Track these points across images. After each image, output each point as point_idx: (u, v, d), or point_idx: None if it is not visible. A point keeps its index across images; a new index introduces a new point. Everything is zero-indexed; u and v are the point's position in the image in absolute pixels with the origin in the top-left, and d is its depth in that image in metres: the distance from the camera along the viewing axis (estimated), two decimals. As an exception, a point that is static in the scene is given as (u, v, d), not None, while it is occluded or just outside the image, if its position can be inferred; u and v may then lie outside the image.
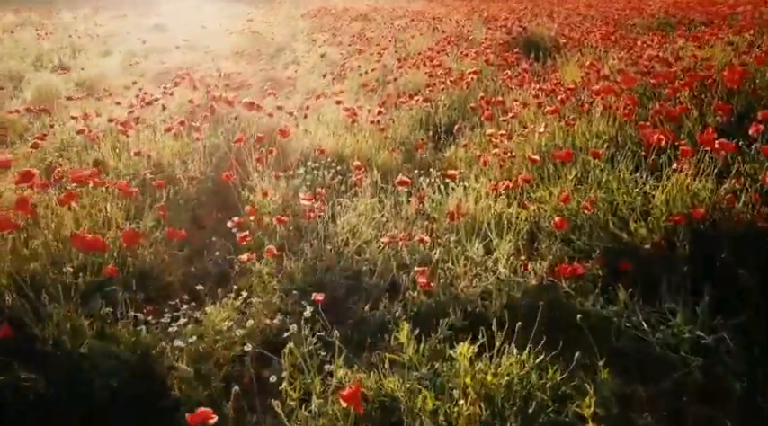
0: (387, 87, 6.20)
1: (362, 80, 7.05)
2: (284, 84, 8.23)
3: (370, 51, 9.57)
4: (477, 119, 4.78)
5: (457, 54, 8.38)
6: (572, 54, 7.20)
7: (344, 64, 8.15)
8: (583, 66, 6.19)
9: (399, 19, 17.16)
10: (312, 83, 7.41)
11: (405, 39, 11.38)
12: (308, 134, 4.31)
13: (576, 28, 9.95)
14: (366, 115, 4.73)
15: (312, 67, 9.07)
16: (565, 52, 7.22)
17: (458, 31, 11.02)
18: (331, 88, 6.85)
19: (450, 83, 5.40)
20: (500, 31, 8.50)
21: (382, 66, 7.32)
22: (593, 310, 2.37)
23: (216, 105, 4.32)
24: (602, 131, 3.75)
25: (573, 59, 6.72)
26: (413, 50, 9.61)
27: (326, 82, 7.56)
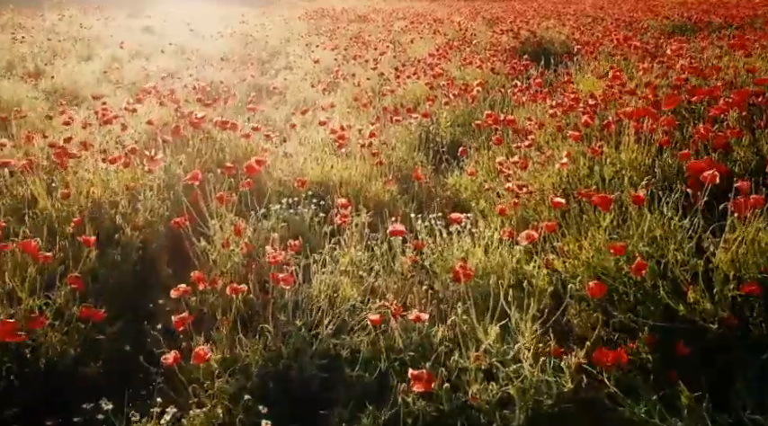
0: (383, 99, 5.59)
1: (357, 91, 6.45)
2: (272, 93, 7.64)
3: (366, 56, 8.97)
4: (485, 138, 4.18)
5: (460, 60, 7.77)
6: (586, 61, 6.59)
7: (339, 70, 7.54)
8: (601, 76, 5.58)
9: (399, 21, 16.56)
10: (302, 92, 6.81)
11: (404, 43, 10.78)
12: (289, 158, 3.71)
13: (586, 31, 9.35)
14: (358, 134, 4.13)
15: (305, 74, 8.48)
16: (578, 59, 6.61)
17: (460, 35, 10.42)
18: (322, 99, 6.25)
19: (454, 96, 4.78)
20: (507, 35, 7.91)
21: (379, 75, 6.71)
22: (650, 423, 1.77)
23: (183, 125, 3.71)
24: (635, 160, 3.14)
25: (588, 68, 6.11)
26: (412, 55, 9.02)
27: (318, 92, 6.96)
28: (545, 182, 3.15)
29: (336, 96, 6.36)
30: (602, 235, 2.47)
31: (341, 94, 6.38)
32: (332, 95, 6.67)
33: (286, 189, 3.32)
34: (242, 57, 10.00)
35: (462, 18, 15.76)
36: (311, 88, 7.32)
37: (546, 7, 17.59)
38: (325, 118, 4.91)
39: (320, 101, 6.27)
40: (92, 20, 14.15)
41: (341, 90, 6.63)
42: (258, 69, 9.44)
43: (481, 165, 3.84)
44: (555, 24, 9.62)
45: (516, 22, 11.45)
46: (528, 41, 7.67)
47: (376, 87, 6.47)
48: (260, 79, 8.32)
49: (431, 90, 5.25)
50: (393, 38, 11.58)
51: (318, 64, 8.49)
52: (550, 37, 7.84)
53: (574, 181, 3.11)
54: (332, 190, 3.44)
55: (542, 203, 2.92)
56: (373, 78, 6.68)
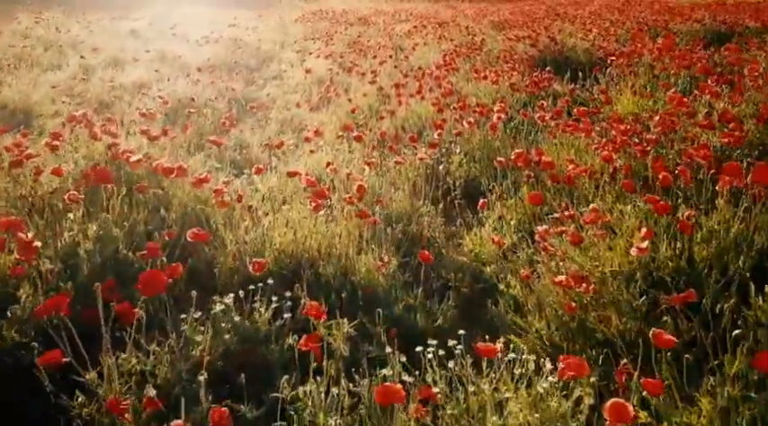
0: (381, 123, 4.65)
1: (352, 108, 5.52)
2: (258, 107, 6.70)
3: (364, 67, 8.04)
4: (510, 182, 3.23)
5: (470, 70, 6.83)
6: (618, 72, 5.63)
7: (331, 85, 6.61)
8: (643, 95, 4.63)
9: (402, 23, 15.62)
10: (289, 110, 5.87)
11: (407, 48, 9.85)
12: (252, 214, 2.76)
13: (608, 36, 8.39)
14: (346, 180, 3.18)
15: (295, 86, 7.54)
16: (611, 71, 5.66)
17: (469, 40, 9.47)
18: (311, 119, 5.31)
19: (469, 124, 3.83)
20: (523, 43, 6.97)
21: (377, 89, 5.77)
22: None
23: (111, 168, 2.77)
24: (739, 235, 2.19)
25: (625, 83, 5.15)
26: (416, 64, 8.07)
27: (307, 110, 6.02)
28: (610, 260, 2.20)
29: (327, 115, 5.41)
30: (731, 390, 1.51)
31: (332, 113, 5.44)
32: (323, 112, 5.73)
33: (239, 275, 2.37)
34: (228, 65, 9.07)
35: (469, 21, 14.81)
36: (301, 104, 6.39)
37: (556, 9, 16.62)
38: (312, 148, 3.97)
39: (308, 120, 5.34)
40: (72, 23, 13.24)
41: (334, 107, 5.68)
42: (244, 79, 8.51)
43: (508, 223, 2.90)
44: (577, 29, 8.65)
45: (532, 26, 10.50)
46: (548, 50, 6.72)
47: (374, 105, 5.53)
48: (245, 91, 7.39)
49: (438, 112, 4.29)
50: (395, 43, 10.64)
51: (310, 74, 7.55)
52: (572, 44, 6.89)
53: (652, 265, 2.16)
54: (307, 265, 2.50)
55: (612, 306, 1.97)
56: (370, 94, 5.74)
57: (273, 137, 5.25)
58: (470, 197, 3.59)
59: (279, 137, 5.26)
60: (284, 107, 6.42)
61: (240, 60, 9.59)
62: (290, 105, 6.51)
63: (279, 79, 8.28)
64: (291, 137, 5.14)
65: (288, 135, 5.24)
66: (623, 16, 12.46)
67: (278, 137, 5.30)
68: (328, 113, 5.40)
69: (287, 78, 8.20)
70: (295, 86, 7.57)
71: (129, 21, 14.88)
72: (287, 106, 6.45)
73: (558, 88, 5.60)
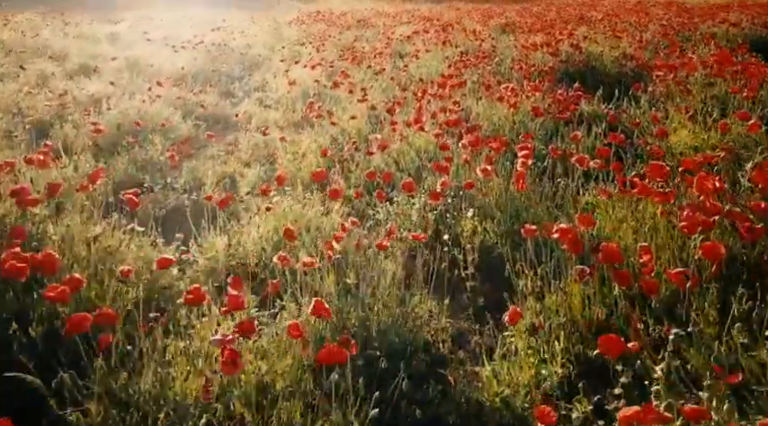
0: (367, 160, 3.65)
1: (335, 132, 4.53)
2: (226, 128, 5.71)
3: (358, 76, 7.05)
4: (547, 258, 2.24)
5: (478, 84, 5.83)
6: (663, 90, 4.62)
7: (316, 100, 5.63)
8: (706, 124, 3.63)
9: (403, 26, 14.62)
10: (261, 135, 4.87)
11: (408, 54, 8.87)
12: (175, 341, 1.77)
13: (634, 42, 7.37)
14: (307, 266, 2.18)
15: (278, 100, 6.56)
16: (651, 88, 4.66)
17: (476, 46, 8.47)
18: (283, 149, 4.30)
19: (484, 172, 2.80)
20: (540, 51, 5.97)
21: (369, 108, 4.77)
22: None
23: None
24: None
25: (674, 104, 4.15)
26: (417, 75, 7.09)
27: (285, 131, 5.03)
28: None
29: (307, 141, 4.40)
30: None
31: (312, 140, 4.44)
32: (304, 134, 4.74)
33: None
34: (206, 74, 8.09)
35: (475, 23, 13.80)
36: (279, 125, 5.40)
37: (567, 11, 15.59)
38: (273, 201, 2.98)
39: (281, 151, 4.34)
40: (50, 24, 12.28)
41: (315, 133, 4.68)
42: (222, 91, 7.52)
43: (549, 344, 1.90)
44: (596, 32, 7.63)
45: (545, 29, 9.48)
46: (571, 60, 5.72)
47: (364, 130, 4.53)
48: (218, 106, 6.40)
49: (442, 150, 3.29)
50: (394, 49, 9.65)
51: (295, 86, 6.56)
52: (597, 53, 5.88)
53: None
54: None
55: None
56: (361, 115, 4.74)
57: (237, 171, 4.27)
58: (487, 272, 2.60)
59: (246, 170, 4.28)
60: (261, 127, 5.43)
61: (222, 68, 8.61)
62: (269, 124, 5.53)
63: (262, 91, 7.29)
64: (260, 170, 4.16)
65: (256, 168, 4.25)
66: (643, 18, 11.42)
67: (245, 169, 4.32)
68: (307, 141, 4.41)
69: (270, 90, 7.22)
70: (278, 100, 6.58)
71: (111, 24, 13.92)
72: (264, 126, 5.47)
73: (588, 108, 4.60)
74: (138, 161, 4.04)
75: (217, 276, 2.65)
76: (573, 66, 5.64)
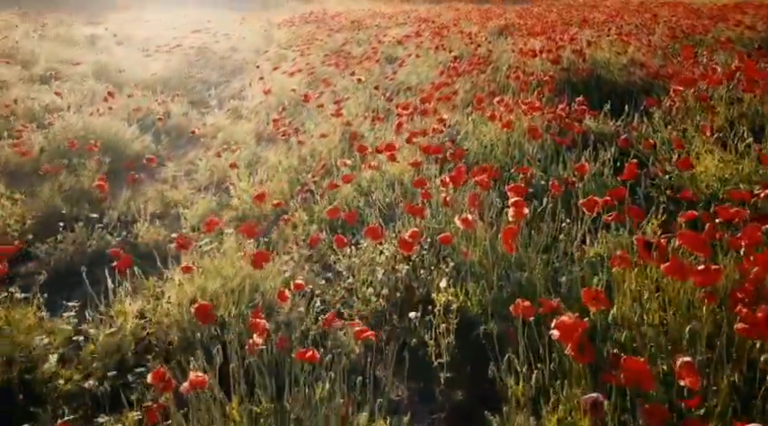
0: (333, 193, 3.06)
1: (305, 151, 3.94)
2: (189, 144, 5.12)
3: (341, 82, 6.47)
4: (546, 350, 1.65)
5: (470, 94, 5.25)
6: (680, 105, 4.03)
7: (291, 111, 5.05)
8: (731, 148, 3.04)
9: (397, 28, 14.02)
10: (220, 159, 4.28)
11: (399, 58, 8.28)
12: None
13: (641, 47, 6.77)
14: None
15: (253, 110, 5.97)
16: (668, 102, 4.07)
17: (472, 50, 7.88)
18: (236, 178, 3.70)
19: (465, 222, 2.20)
20: (540, 58, 5.38)
21: (343, 124, 4.18)
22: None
23: None
24: None
25: (692, 122, 3.56)
26: (407, 81, 6.50)
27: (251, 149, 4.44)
28: None
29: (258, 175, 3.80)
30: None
31: (275, 162, 3.85)
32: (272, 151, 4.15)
33: None
34: (180, 81, 7.51)
35: (472, 25, 13.20)
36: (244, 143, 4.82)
37: (569, 12, 14.99)
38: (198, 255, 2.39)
39: (235, 181, 3.74)
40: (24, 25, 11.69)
41: (281, 153, 4.08)
42: (195, 99, 6.95)
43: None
44: (600, 36, 7.02)
45: (546, 32, 8.87)
46: (573, 68, 5.12)
47: (335, 150, 3.93)
48: (186, 117, 5.81)
49: (417, 186, 2.69)
50: (384, 53, 9.06)
51: (270, 96, 5.98)
52: (604, 60, 5.28)
53: None
54: None
55: None
56: (334, 132, 4.14)
57: (187, 200, 3.69)
58: (467, 354, 2.02)
59: (198, 197, 3.69)
60: (228, 143, 4.86)
61: (199, 73, 8.03)
62: (238, 139, 4.95)
63: (239, 98, 6.71)
64: (213, 199, 3.57)
65: (209, 195, 3.66)
66: (650, 20, 10.81)
67: (197, 196, 3.73)
68: (273, 159, 3.81)
69: (247, 98, 6.64)
70: (253, 110, 6.00)
71: (93, 25, 13.33)
72: (230, 142, 4.89)
73: (594, 124, 4.01)
74: (66, 189, 3.46)
75: (123, 356, 2.06)
76: (576, 75, 5.04)
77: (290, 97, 5.83)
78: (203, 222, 3.25)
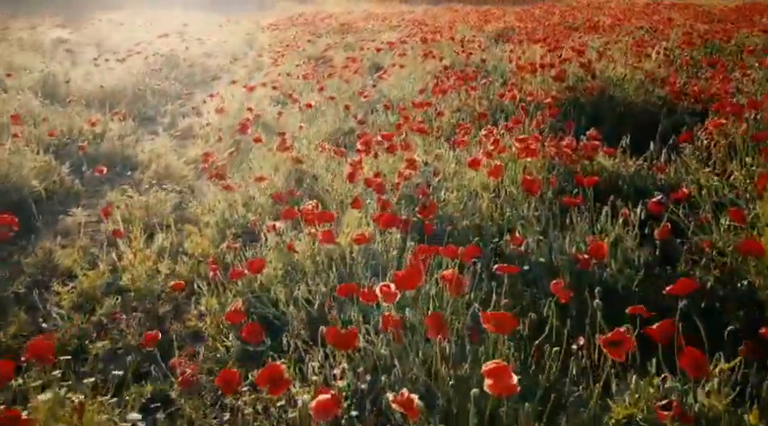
0: (248, 281, 2.19)
1: (237, 200, 3.07)
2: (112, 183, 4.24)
3: (311, 97, 5.61)
4: None
5: (460, 118, 4.40)
6: (714, 139, 3.16)
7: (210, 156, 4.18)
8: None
9: (390, 31, 13.16)
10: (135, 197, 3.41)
11: (384, 66, 7.42)
12: None
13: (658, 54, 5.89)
14: None
15: (202, 131, 5.10)
16: (700, 133, 3.21)
17: (463, 58, 7.01)
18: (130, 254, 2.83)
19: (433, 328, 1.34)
20: (541, 75, 4.48)
21: (293, 162, 3.30)
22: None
23: None
24: None
25: (737, 164, 2.69)
26: (387, 97, 5.65)
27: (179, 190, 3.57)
28: None
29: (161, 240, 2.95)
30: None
31: (201, 213, 2.98)
32: (208, 194, 3.28)
33: None
34: (133, 94, 6.64)
35: (468, 28, 12.33)
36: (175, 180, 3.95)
37: (573, 15, 14.11)
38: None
39: (126, 254, 2.88)
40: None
41: (212, 199, 3.22)
42: (147, 115, 6.09)
43: None
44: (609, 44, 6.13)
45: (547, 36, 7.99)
46: (581, 85, 4.24)
47: (281, 187, 3.06)
48: (123, 142, 4.93)
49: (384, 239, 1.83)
50: (370, 58, 8.19)
51: (223, 115, 5.11)
52: (617, 78, 4.40)
53: None
54: None
55: None
56: (277, 173, 3.27)
57: (66, 272, 2.81)
58: None
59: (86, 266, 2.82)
60: (161, 177, 4.00)
61: (160, 84, 7.16)
62: (170, 175, 4.09)
63: (197, 115, 5.84)
64: (105, 270, 2.70)
65: (102, 266, 2.79)
66: (661, 23, 9.92)
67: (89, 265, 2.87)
68: (197, 210, 2.95)
69: (203, 114, 5.77)
70: (201, 132, 5.13)
71: (62, 28, 12.48)
72: (164, 177, 4.04)
73: (609, 164, 3.14)
74: None
75: None
76: (584, 95, 4.17)
77: (246, 117, 4.96)
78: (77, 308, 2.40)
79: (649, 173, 3.06)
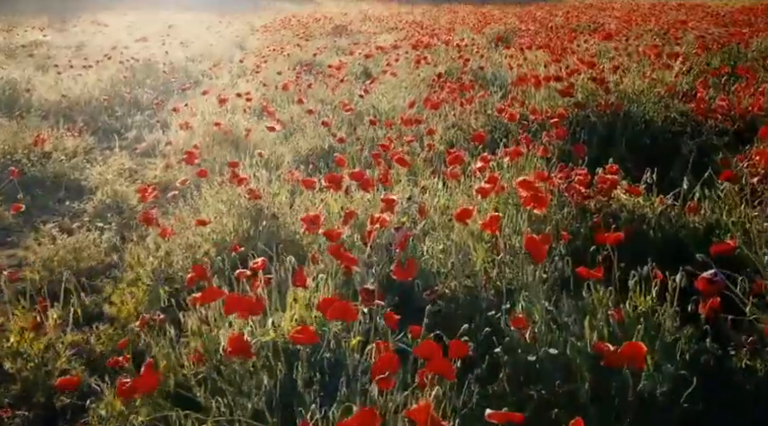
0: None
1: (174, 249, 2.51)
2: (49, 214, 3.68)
3: (288, 111, 5.06)
4: None
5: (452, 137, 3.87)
6: (759, 172, 2.61)
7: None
8: None
9: (385, 34, 12.62)
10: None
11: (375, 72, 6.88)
12: None
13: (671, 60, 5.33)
14: None
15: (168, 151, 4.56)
16: (741, 164, 2.66)
17: (459, 65, 6.45)
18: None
19: None
20: (546, 87, 3.92)
21: (250, 200, 2.74)
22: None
23: None
24: None
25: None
26: (375, 108, 5.11)
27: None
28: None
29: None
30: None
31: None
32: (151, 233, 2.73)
33: None
34: (99, 104, 6.09)
35: (468, 29, 11.78)
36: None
37: (576, 17, 13.55)
38: None
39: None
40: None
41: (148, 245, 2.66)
42: (110, 129, 5.53)
43: None
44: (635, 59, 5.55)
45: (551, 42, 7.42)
46: (591, 103, 3.69)
47: (231, 236, 2.50)
48: (72, 162, 4.37)
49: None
50: (362, 64, 7.64)
51: (189, 132, 4.56)
52: (637, 89, 3.85)
53: None
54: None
55: None
56: (227, 214, 2.71)
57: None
58: None
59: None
60: (110, 208, 3.46)
61: (127, 94, 6.61)
62: (118, 207, 3.54)
63: (164, 129, 5.29)
64: None
65: None
66: (670, 26, 9.35)
67: None
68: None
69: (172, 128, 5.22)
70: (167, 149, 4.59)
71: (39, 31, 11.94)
72: (112, 207, 3.49)
73: (630, 202, 2.59)
74: None
75: None
76: (596, 112, 3.61)
77: (213, 134, 4.41)
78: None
79: (681, 214, 2.51)
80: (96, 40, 10.92)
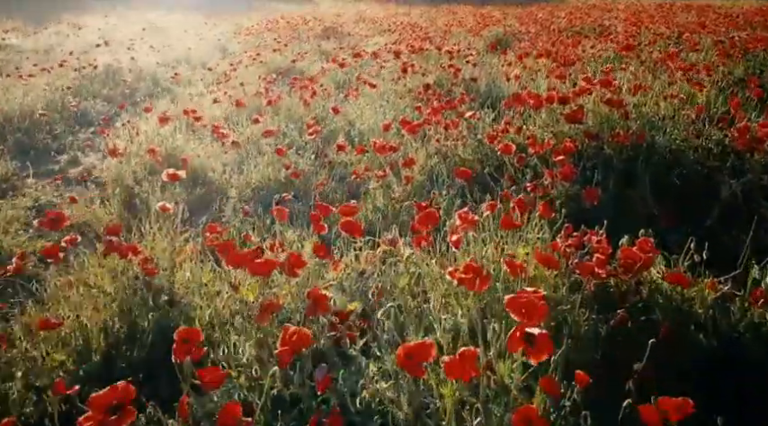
0: None
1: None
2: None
3: (244, 132, 4.32)
4: None
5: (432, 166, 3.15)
6: None
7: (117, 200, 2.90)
8: None
9: (377, 36, 11.87)
10: None
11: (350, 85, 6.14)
12: None
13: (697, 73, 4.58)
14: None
15: (105, 182, 3.81)
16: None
17: (450, 74, 5.70)
18: None
19: None
20: (547, 108, 3.19)
21: (144, 275, 2.01)
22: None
23: None
24: None
25: None
26: (346, 128, 4.38)
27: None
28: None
29: None
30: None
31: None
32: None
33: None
34: (36, 118, 5.34)
35: (465, 32, 11.03)
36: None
37: (580, 18, 12.78)
38: None
39: None
40: None
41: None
42: (39, 146, 4.79)
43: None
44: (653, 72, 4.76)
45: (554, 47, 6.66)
46: (606, 131, 2.94)
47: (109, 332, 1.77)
48: None
49: None
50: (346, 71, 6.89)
51: (119, 158, 3.82)
52: (659, 114, 3.10)
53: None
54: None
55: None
56: (116, 292, 1.98)
57: None
58: None
59: None
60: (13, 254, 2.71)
61: (79, 104, 5.86)
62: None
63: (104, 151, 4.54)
64: None
65: None
66: (685, 29, 8.58)
67: None
68: None
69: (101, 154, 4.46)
70: (98, 178, 3.85)
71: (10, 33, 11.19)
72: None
73: (668, 288, 1.85)
74: None
75: None
76: (612, 144, 2.86)
77: (146, 163, 3.66)
78: None
79: (744, 309, 1.76)
80: (67, 44, 10.19)
